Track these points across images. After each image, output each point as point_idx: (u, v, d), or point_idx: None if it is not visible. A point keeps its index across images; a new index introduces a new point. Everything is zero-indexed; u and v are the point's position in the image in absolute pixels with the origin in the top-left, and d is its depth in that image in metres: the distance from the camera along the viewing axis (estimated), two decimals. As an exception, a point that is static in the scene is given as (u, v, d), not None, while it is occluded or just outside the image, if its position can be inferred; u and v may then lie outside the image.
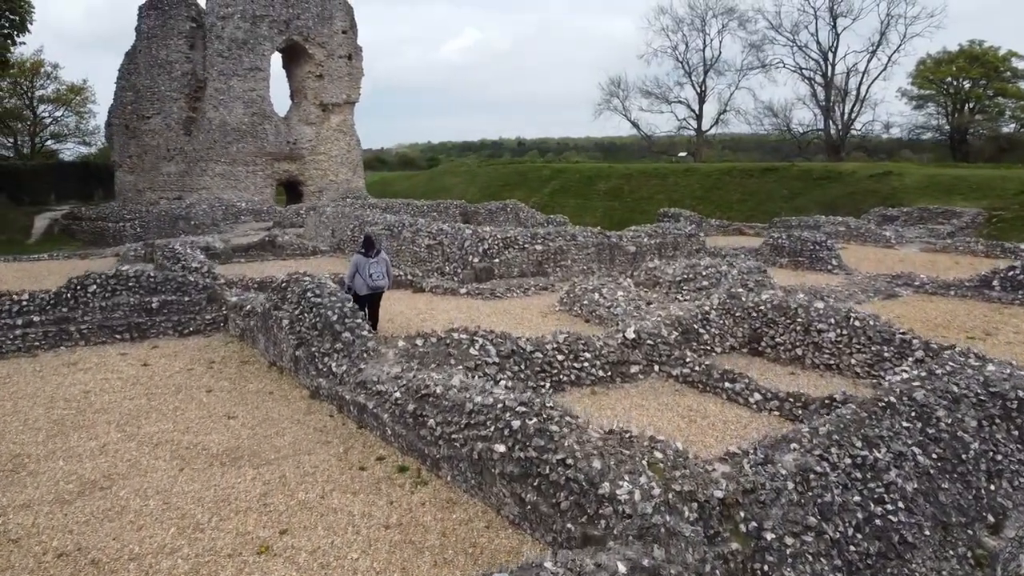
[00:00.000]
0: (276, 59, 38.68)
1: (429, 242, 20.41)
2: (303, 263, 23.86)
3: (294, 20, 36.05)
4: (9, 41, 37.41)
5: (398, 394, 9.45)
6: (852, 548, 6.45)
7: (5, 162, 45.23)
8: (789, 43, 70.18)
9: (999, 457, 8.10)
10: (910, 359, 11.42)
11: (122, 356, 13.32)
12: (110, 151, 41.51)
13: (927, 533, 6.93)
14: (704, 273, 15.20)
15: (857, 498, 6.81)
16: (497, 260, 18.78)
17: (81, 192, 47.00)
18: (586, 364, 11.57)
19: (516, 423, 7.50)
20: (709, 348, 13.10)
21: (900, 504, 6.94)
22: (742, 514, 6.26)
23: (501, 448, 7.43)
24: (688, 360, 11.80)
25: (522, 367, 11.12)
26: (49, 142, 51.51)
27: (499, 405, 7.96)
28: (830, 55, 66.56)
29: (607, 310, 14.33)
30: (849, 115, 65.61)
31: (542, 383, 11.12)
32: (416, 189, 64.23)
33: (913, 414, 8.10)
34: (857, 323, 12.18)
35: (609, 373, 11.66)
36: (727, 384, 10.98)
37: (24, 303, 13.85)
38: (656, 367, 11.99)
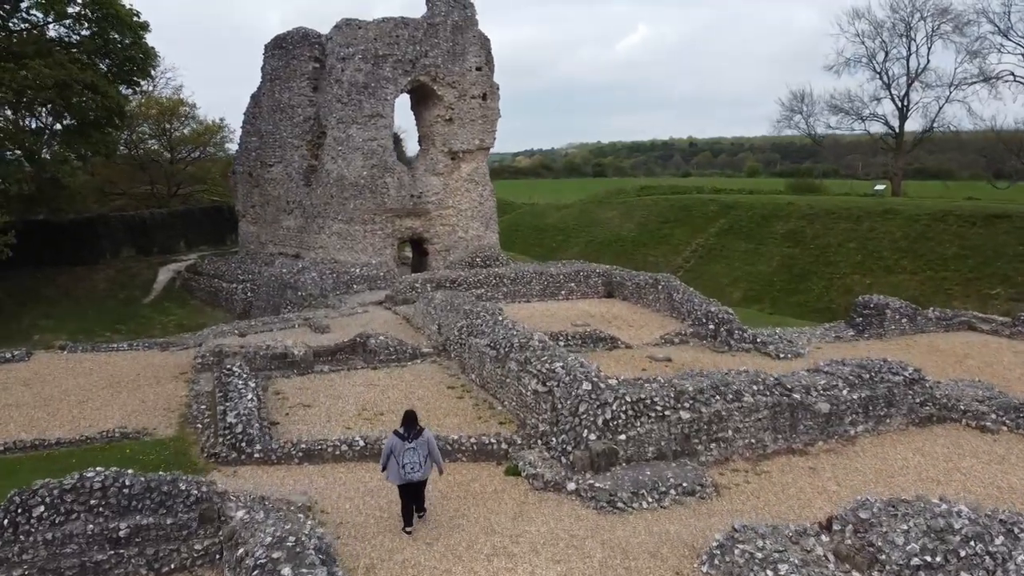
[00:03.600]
0: (403, 101, 34.92)
1: (537, 387, 15.21)
2: (396, 374, 19.56)
3: (421, 59, 31.83)
4: (130, 90, 36.57)
5: None
6: None
7: (133, 212, 44.96)
8: (1022, 50, 58.36)
9: None
10: None
11: (49, 635, 9.16)
12: (233, 199, 39.64)
13: None
14: (963, 554, 8.90)
15: None
16: (624, 437, 13.24)
17: (213, 237, 45.96)
18: None
19: None
20: None
21: None
22: None
23: None
24: None
25: None
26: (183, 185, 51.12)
27: None
28: (1077, 64, 54.45)
29: (788, 619, 8.46)
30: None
31: None
32: (568, 222, 59.17)
33: None
34: None
35: None
36: None
37: (-57, 536, 10.03)
38: None
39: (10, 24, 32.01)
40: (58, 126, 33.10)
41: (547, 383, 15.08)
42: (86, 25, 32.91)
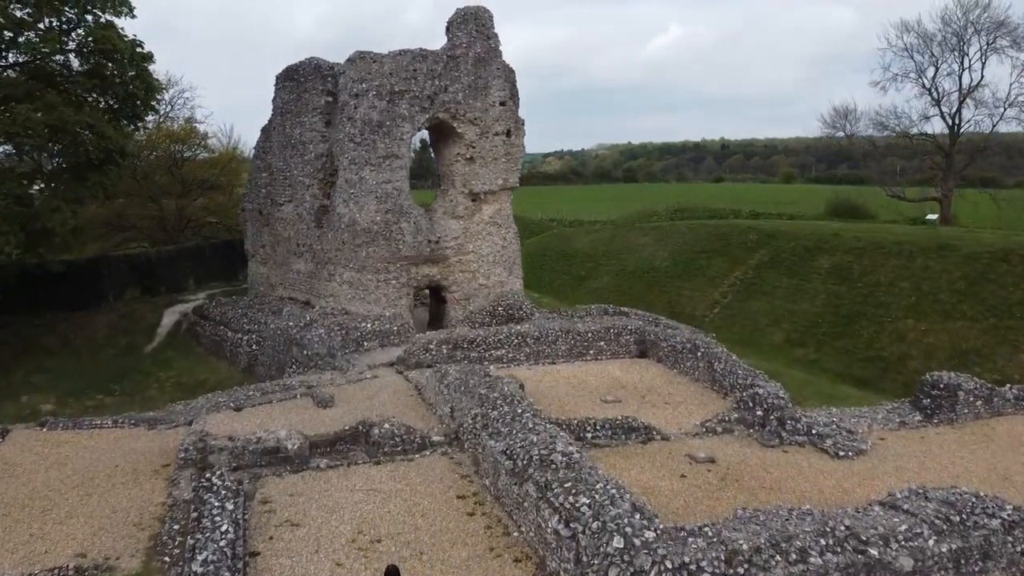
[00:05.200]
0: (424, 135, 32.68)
1: (559, 527, 12.86)
2: (401, 473, 17.35)
3: (440, 94, 29.47)
4: (132, 127, 34.93)
5: None
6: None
7: (139, 250, 43.31)
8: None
9: None
10: None
11: None
12: (243, 238, 37.74)
13: None
14: None
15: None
16: (663, 616, 10.80)
17: (224, 273, 44.18)
18: None
19: None
20: None
21: None
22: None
23: None
24: None
25: None
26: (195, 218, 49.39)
27: None
28: None
29: None
30: None
31: None
32: (597, 248, 56.60)
33: None
34: None
35: None
36: None
37: None
38: None
39: (8, 57, 30.43)
40: (51, 168, 31.54)
41: (571, 524, 12.71)
42: (83, 60, 31.19)
